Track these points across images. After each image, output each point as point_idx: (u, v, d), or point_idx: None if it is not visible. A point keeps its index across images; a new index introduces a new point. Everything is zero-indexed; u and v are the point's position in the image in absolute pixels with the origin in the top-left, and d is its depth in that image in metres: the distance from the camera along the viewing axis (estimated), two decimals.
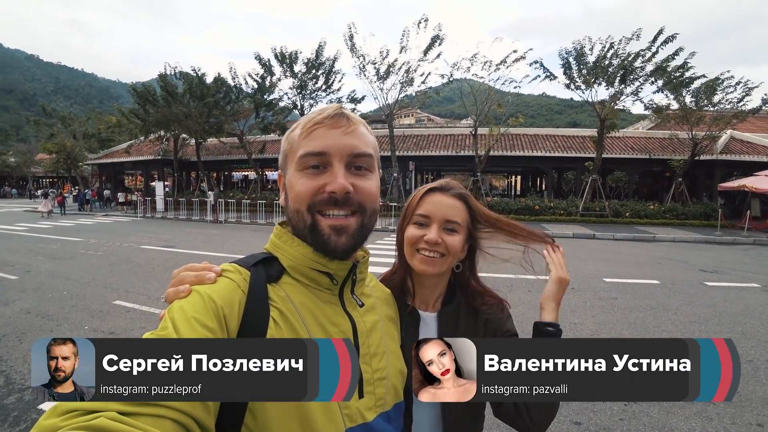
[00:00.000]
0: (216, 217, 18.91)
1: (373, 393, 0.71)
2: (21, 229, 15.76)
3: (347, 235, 0.68)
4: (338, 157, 0.68)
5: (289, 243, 0.72)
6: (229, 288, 0.62)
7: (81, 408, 0.44)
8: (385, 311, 0.86)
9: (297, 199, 0.69)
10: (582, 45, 17.83)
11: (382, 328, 0.80)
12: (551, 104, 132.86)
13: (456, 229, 0.92)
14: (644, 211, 18.04)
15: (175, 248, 10.95)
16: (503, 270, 8.30)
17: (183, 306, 0.57)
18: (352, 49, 19.89)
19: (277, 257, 0.72)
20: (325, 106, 0.72)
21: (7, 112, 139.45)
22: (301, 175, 0.69)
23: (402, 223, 0.98)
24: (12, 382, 3.59)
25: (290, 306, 0.67)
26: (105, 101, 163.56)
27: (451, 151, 22.59)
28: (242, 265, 0.68)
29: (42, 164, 44.40)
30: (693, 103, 17.75)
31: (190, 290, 0.60)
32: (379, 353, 0.75)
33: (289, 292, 0.68)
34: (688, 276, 8.06)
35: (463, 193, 0.96)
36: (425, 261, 0.91)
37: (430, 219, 0.92)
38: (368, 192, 0.71)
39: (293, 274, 0.71)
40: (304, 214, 0.69)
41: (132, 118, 24.40)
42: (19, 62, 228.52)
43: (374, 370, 0.73)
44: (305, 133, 0.70)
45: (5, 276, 7.58)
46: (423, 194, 0.95)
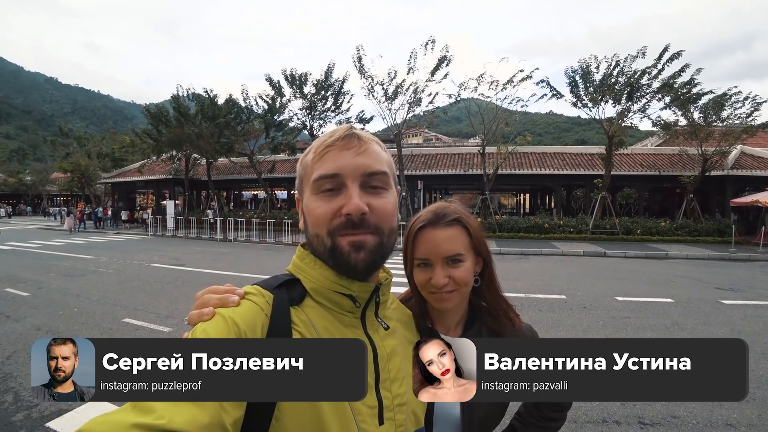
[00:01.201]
0: (225, 236, 19.06)
1: (393, 419, 0.70)
2: (34, 246, 16.01)
3: (366, 251, 0.67)
4: (352, 178, 0.68)
5: (311, 265, 0.72)
6: (253, 312, 0.62)
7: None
8: (406, 334, 0.85)
9: (316, 224, 0.69)
10: (588, 63, 17.97)
11: (402, 352, 0.79)
12: (559, 122, 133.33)
13: (461, 259, 0.88)
14: (655, 228, 17.79)
15: (185, 267, 11.02)
16: (514, 289, 8.21)
17: (206, 329, 0.57)
18: (360, 70, 20.26)
19: (300, 279, 0.72)
20: (336, 128, 0.73)
21: (26, 132, 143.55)
22: (317, 198, 0.69)
23: (405, 264, 0.94)
24: (20, 399, 3.59)
25: (312, 330, 0.67)
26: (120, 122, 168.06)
27: (459, 170, 22.66)
28: (265, 287, 0.68)
29: (57, 183, 45.48)
30: (701, 119, 17.68)
31: (213, 313, 0.60)
32: (399, 378, 0.74)
33: (311, 315, 0.68)
34: (703, 294, 7.88)
35: (457, 217, 0.90)
36: (439, 300, 0.88)
37: (431, 260, 0.88)
38: (384, 211, 0.70)
39: (315, 297, 0.71)
40: (324, 239, 0.68)
41: (145, 138, 25.01)
42: (39, 85, 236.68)
43: (394, 396, 0.71)
44: (318, 157, 0.70)
45: (18, 293, 7.67)
46: (415, 233, 0.90)
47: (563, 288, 8.33)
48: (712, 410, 3.38)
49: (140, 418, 0.46)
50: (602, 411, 3.37)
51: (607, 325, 5.79)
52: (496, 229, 18.94)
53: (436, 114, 22.18)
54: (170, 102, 23.72)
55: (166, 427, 0.46)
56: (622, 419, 3.24)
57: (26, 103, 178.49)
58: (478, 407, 0.86)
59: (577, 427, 3.12)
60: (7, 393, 3.69)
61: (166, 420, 0.46)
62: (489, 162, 20.66)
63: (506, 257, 13.41)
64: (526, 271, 10.45)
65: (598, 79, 17.84)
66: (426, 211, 0.93)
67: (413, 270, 0.91)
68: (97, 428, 0.45)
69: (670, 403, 3.51)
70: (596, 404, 3.49)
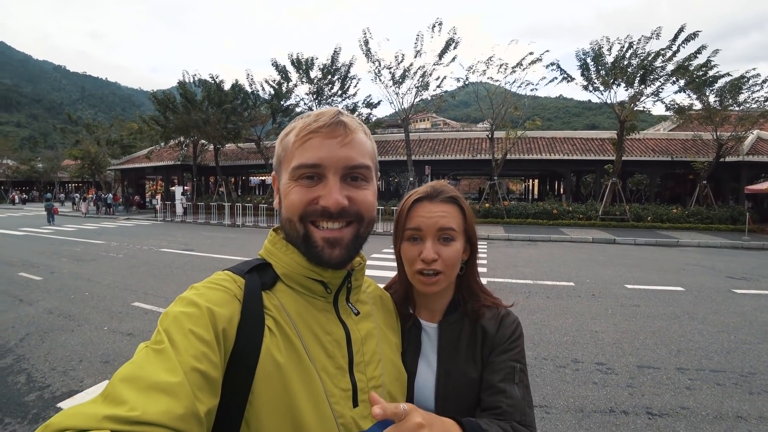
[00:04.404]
0: (234, 221, 19.18)
1: (368, 401, 0.69)
2: (47, 231, 16.26)
3: (341, 248, 0.67)
4: (333, 170, 0.66)
5: (283, 250, 0.71)
6: (226, 299, 0.61)
7: (74, 427, 0.42)
8: (383, 318, 0.84)
9: (290, 209, 0.68)
10: (600, 45, 17.52)
11: (378, 335, 0.78)
12: (569, 106, 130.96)
13: (453, 237, 0.86)
14: (667, 215, 17.54)
15: (194, 252, 11.12)
16: (521, 276, 8.17)
17: (179, 317, 0.56)
18: (367, 54, 19.99)
19: (271, 264, 0.71)
20: (323, 110, 0.69)
21: (36, 120, 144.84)
22: (295, 184, 0.67)
23: (395, 239, 0.92)
24: (33, 380, 3.66)
25: (284, 315, 0.66)
26: (127, 109, 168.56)
27: (467, 155, 22.43)
28: (236, 272, 0.67)
29: (68, 170, 46.04)
30: (717, 103, 17.21)
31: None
32: (373, 361, 0.74)
33: (283, 300, 0.67)
34: (715, 283, 7.77)
35: (453, 196, 0.89)
36: (426, 283, 0.85)
37: (423, 232, 0.86)
38: (365, 202, 0.69)
39: (287, 282, 0.70)
40: (297, 224, 0.67)
41: (153, 124, 25.12)
42: (48, 73, 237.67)
43: (369, 378, 0.72)
44: (300, 141, 0.67)
45: (31, 277, 7.81)
46: (411, 205, 0.89)
47: (571, 275, 8.26)
48: (722, 402, 3.34)
49: (112, 410, 0.44)
50: (609, 400, 3.35)
51: (616, 313, 5.74)
52: (504, 214, 18.80)
53: (444, 98, 21.89)
54: (177, 88, 23.72)
55: (139, 419, 0.44)
56: (630, 409, 3.22)
57: (36, 92, 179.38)
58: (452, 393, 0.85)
59: (583, 417, 3.10)
60: (20, 374, 3.77)
61: (139, 412, 0.44)
62: (497, 147, 20.41)
63: (514, 243, 13.33)
64: (534, 258, 10.38)
65: (610, 62, 17.40)
66: (424, 186, 0.92)
67: (402, 246, 0.89)
68: (67, 421, 0.43)
69: (679, 393, 3.48)
70: (603, 393, 3.47)
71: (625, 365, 4.04)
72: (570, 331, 5.00)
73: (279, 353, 0.61)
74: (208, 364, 0.53)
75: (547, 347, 4.51)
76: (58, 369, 3.90)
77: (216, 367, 0.54)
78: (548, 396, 3.43)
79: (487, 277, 7.72)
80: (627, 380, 3.72)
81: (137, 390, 0.47)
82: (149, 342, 0.55)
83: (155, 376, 0.48)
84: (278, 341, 0.62)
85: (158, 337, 0.54)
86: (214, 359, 0.54)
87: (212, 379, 0.53)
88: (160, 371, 0.49)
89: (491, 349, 0.87)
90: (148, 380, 0.48)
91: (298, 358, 0.63)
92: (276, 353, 0.60)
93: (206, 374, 0.52)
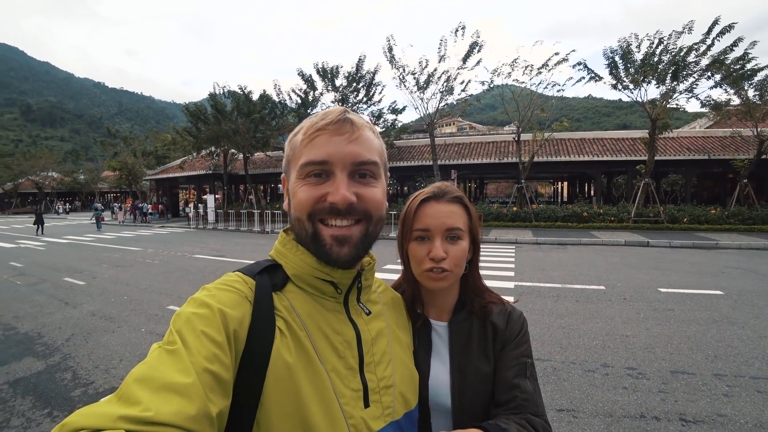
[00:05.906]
0: (263, 228, 19.65)
1: (379, 402, 0.70)
2: (89, 239, 17.15)
3: (350, 245, 0.66)
4: (341, 166, 0.66)
5: (293, 251, 0.70)
6: (237, 301, 0.61)
7: (90, 427, 0.43)
8: (394, 317, 0.85)
9: (298, 208, 0.68)
10: (628, 42, 16.97)
11: (389, 335, 0.78)
12: (598, 106, 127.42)
13: (460, 236, 0.88)
14: (705, 216, 16.74)
15: (225, 257, 11.47)
16: (550, 279, 8.01)
17: (191, 318, 0.56)
18: (391, 60, 20.13)
19: (282, 265, 0.71)
20: (330, 110, 0.69)
21: (78, 134, 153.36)
22: (303, 183, 0.67)
23: (402, 239, 0.93)
24: (78, 377, 3.91)
25: (294, 316, 0.66)
26: (161, 121, 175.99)
27: (493, 159, 22.17)
28: (247, 273, 0.68)
29: (107, 180, 48.43)
30: (757, 97, 16.34)
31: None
32: (384, 361, 0.74)
33: (293, 301, 0.67)
34: (758, 286, 7.38)
35: (459, 196, 0.92)
36: (434, 279, 0.87)
37: (431, 232, 0.88)
38: (373, 200, 0.68)
39: (297, 283, 0.70)
40: (305, 223, 0.67)
41: (185, 135, 26.11)
42: (88, 90, 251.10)
43: (379, 378, 0.71)
44: (307, 140, 0.67)
45: (75, 282, 8.29)
46: (417, 206, 0.91)
47: (602, 278, 8.04)
48: (762, 410, 3.18)
49: (126, 410, 0.45)
50: (640, 405, 3.26)
51: (648, 317, 5.55)
52: (532, 218, 18.44)
53: (469, 102, 21.73)
54: (207, 100, 24.58)
55: (152, 419, 0.45)
56: (662, 415, 3.12)
57: (77, 108, 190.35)
58: (469, 390, 0.87)
59: (613, 422, 3.04)
60: (66, 371, 4.03)
61: (152, 412, 0.45)
62: (524, 150, 20.09)
63: (542, 247, 13.06)
64: (563, 261, 10.15)
65: (640, 59, 16.84)
66: (429, 187, 0.95)
67: (409, 246, 0.91)
68: (83, 421, 0.44)
69: (716, 400, 3.35)
70: (634, 398, 3.38)
71: (657, 370, 3.92)
72: (600, 335, 4.88)
73: (289, 354, 0.61)
74: (220, 366, 0.53)
75: (575, 351, 4.42)
76: (101, 367, 4.14)
77: (227, 368, 0.54)
78: (576, 400, 3.37)
79: (514, 281, 7.60)
80: (659, 385, 3.60)
81: (151, 390, 0.47)
82: (162, 342, 0.55)
83: (168, 377, 0.49)
84: (288, 342, 0.62)
85: (171, 337, 0.55)
86: (226, 361, 0.54)
87: (224, 381, 0.53)
88: (172, 372, 0.50)
89: (503, 344, 0.90)
90: (161, 381, 0.48)
91: (307, 359, 0.63)
92: (286, 354, 0.61)
93: (218, 375, 0.52)
